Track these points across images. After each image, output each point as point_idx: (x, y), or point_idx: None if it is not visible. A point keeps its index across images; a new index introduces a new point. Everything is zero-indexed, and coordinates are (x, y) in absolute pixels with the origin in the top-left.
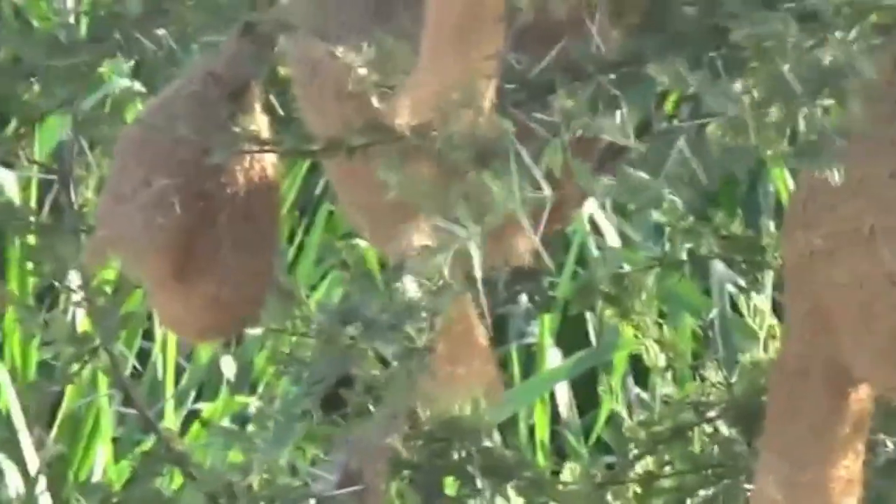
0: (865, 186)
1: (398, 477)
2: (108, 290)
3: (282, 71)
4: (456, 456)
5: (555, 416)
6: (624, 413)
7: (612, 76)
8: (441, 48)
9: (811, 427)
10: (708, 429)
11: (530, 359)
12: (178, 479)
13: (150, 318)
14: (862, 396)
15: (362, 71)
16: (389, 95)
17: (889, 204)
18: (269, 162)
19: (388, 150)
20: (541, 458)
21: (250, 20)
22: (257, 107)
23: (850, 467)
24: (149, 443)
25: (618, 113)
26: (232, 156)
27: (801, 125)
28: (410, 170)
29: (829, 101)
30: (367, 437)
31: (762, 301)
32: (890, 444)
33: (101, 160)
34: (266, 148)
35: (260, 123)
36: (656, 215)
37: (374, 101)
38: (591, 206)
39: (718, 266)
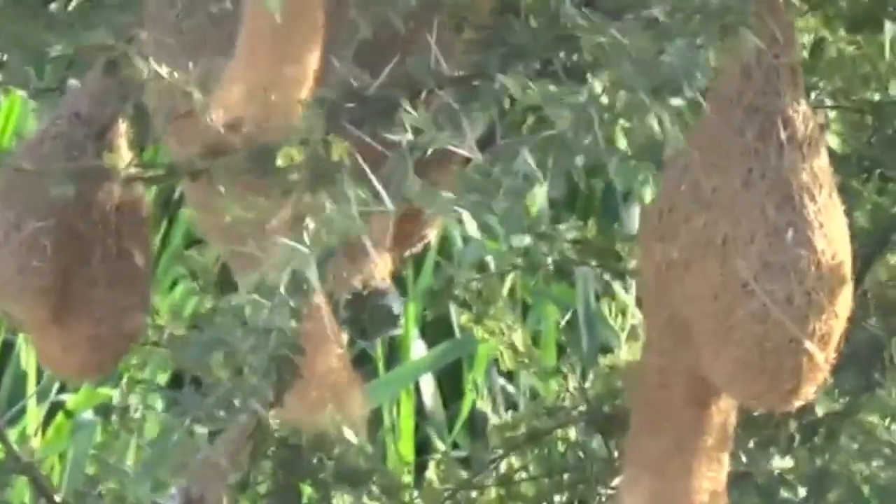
0: (718, 197)
1: (250, 491)
2: None
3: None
4: (308, 463)
5: (421, 408)
6: (485, 407)
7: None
8: (255, 47)
9: (675, 440)
10: (564, 433)
11: (394, 350)
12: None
13: None
14: (724, 407)
15: (195, 93)
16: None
17: (741, 213)
18: (137, 197)
19: (226, 171)
20: (403, 451)
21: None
22: (122, 143)
23: (714, 478)
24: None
25: (463, 126)
26: (100, 194)
27: (645, 129)
28: (246, 190)
29: (677, 105)
30: (208, 460)
31: (628, 298)
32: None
33: None
34: (120, 176)
35: (126, 159)
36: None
37: (207, 121)
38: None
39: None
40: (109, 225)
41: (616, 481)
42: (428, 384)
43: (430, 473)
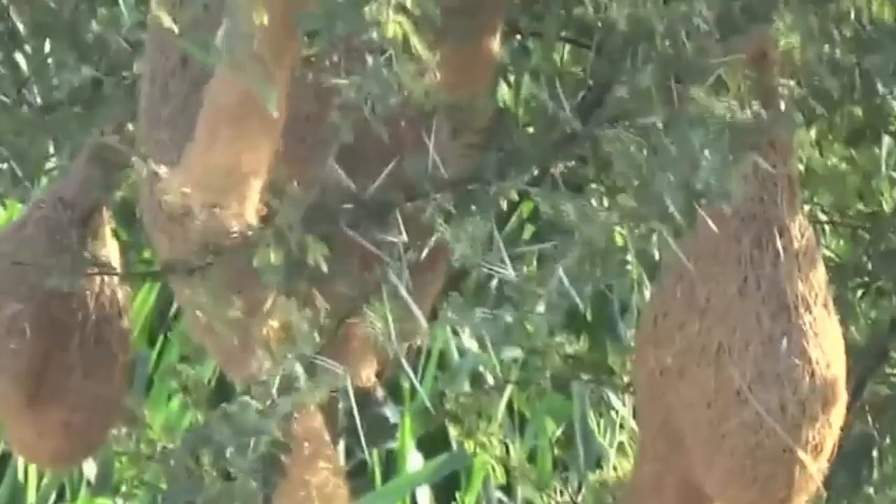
0: (713, 304)
1: None
2: None
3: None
4: None
5: None
6: None
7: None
8: (212, 133)
9: None
10: None
11: (391, 461)
12: None
13: None
14: None
15: (184, 188)
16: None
17: (736, 321)
18: (119, 287)
19: (215, 274)
20: None
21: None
22: (106, 231)
23: None
24: None
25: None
26: (82, 281)
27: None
28: (230, 290)
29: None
30: None
31: (624, 411)
32: None
33: None
34: (108, 271)
35: (109, 247)
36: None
37: (197, 220)
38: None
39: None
40: (89, 314)
41: None
42: (424, 496)
43: None
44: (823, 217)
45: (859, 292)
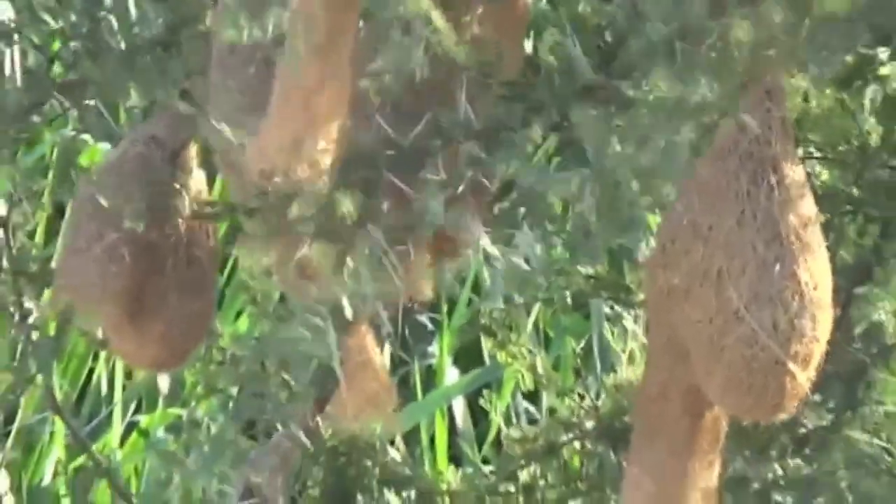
0: (714, 234)
1: (306, 491)
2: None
3: None
4: (356, 470)
5: (453, 427)
6: (504, 427)
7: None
8: (287, 106)
9: (672, 445)
10: (578, 445)
11: (431, 376)
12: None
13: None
14: (716, 418)
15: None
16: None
17: (734, 250)
18: (206, 216)
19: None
20: (439, 464)
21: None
22: (194, 164)
23: (707, 480)
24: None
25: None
26: (173, 211)
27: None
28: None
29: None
30: (266, 455)
31: (635, 326)
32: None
33: (36, 210)
34: (196, 201)
35: (197, 179)
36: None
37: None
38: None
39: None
40: (181, 238)
41: None
42: (459, 407)
43: (461, 481)
44: (817, 154)
45: (847, 218)
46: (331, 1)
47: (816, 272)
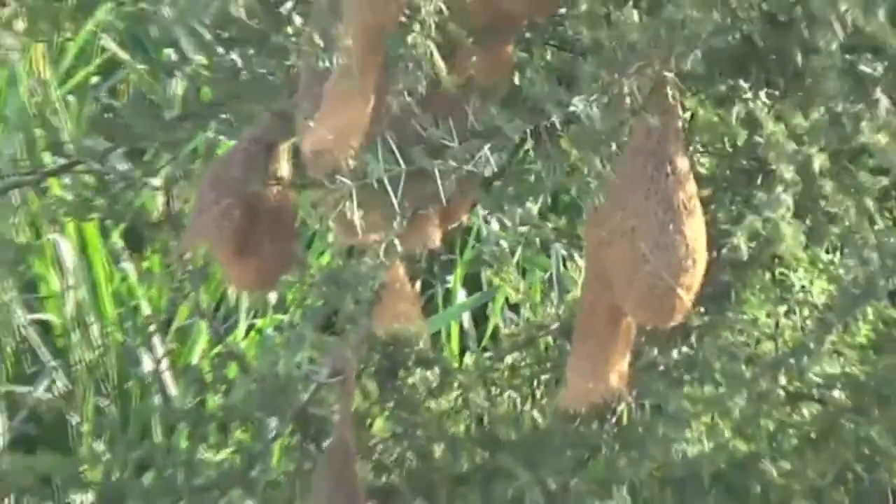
0: (630, 203)
1: (366, 369)
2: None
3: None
4: (399, 356)
5: (463, 330)
6: (501, 327)
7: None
8: (336, 103)
9: (600, 342)
10: (549, 339)
11: (448, 297)
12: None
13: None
14: (629, 323)
15: (316, 139)
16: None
17: (643, 214)
18: (289, 189)
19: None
20: (453, 352)
21: (279, 107)
22: (283, 156)
23: (622, 365)
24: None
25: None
26: (268, 188)
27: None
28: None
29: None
30: (344, 349)
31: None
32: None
33: (188, 187)
34: (282, 183)
35: (283, 166)
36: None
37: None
38: (481, 211)
39: (556, 245)
40: (272, 204)
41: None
42: (467, 318)
43: (468, 362)
44: (702, 149)
45: (721, 192)
46: (365, 44)
47: (697, 229)
